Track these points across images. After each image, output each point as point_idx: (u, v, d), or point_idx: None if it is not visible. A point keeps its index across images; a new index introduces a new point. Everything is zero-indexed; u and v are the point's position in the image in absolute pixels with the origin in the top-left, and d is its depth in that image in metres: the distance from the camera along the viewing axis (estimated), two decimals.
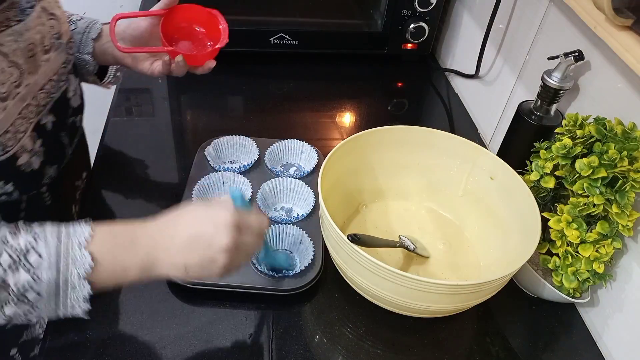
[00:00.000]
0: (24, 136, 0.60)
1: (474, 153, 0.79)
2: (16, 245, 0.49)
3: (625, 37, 0.58)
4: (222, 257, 0.53)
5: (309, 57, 1.21)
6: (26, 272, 0.48)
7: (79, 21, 0.79)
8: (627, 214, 0.63)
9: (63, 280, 0.50)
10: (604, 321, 0.72)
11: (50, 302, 0.50)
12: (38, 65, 0.62)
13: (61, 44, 0.68)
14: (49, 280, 0.49)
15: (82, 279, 0.50)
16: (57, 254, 0.50)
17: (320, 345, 0.68)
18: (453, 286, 0.60)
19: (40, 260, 0.49)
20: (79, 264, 0.50)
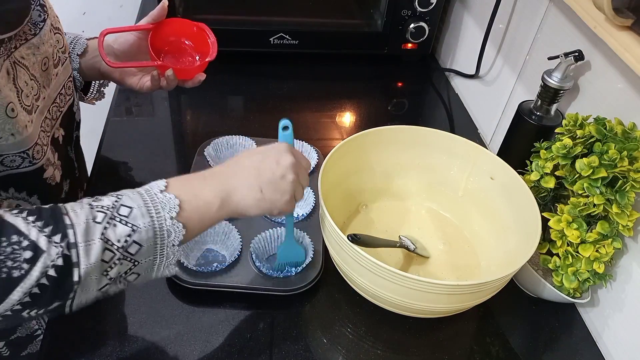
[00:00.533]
0: (47, 149, 0.62)
1: (474, 153, 0.79)
2: (104, 204, 0.49)
3: (625, 37, 0.58)
4: (290, 174, 0.58)
5: (309, 57, 1.21)
6: (123, 225, 0.48)
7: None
8: (627, 214, 0.63)
9: (158, 226, 0.50)
10: (604, 321, 0.72)
11: (149, 253, 0.50)
12: (50, 79, 0.63)
13: (66, 58, 0.69)
14: (146, 227, 0.49)
15: (175, 220, 0.51)
16: (145, 202, 0.50)
17: (320, 345, 0.68)
18: (453, 286, 0.60)
19: (132, 211, 0.49)
20: (167, 206, 0.51)
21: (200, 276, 0.70)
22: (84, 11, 1.44)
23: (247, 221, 0.78)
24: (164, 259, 0.52)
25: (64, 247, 0.45)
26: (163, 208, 0.51)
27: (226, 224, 0.75)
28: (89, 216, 0.48)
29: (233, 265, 0.72)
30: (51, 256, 0.44)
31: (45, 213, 0.47)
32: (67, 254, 0.45)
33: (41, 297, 0.45)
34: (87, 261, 0.46)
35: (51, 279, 0.45)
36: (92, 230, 0.47)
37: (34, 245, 0.44)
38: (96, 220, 0.47)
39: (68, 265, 0.45)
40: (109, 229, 0.48)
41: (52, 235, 0.45)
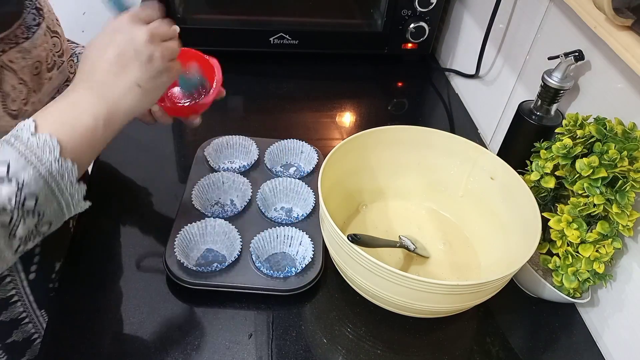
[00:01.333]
0: None
1: (474, 153, 0.79)
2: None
3: (625, 37, 0.58)
4: (154, 50, 0.53)
5: (309, 57, 1.21)
6: (6, 183, 0.45)
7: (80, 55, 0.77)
8: (627, 214, 0.63)
9: (46, 172, 0.46)
10: (604, 321, 0.72)
11: (50, 200, 0.48)
12: (42, 84, 0.62)
13: (63, 62, 0.67)
14: (35, 177, 0.46)
15: (61, 161, 0.47)
16: (20, 153, 0.46)
17: (320, 345, 0.68)
18: (453, 286, 0.60)
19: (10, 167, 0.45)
20: (46, 150, 0.47)
21: (200, 276, 0.70)
22: (84, 11, 1.44)
23: (247, 221, 0.78)
24: (69, 199, 0.49)
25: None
26: (43, 152, 0.46)
27: (226, 224, 0.75)
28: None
29: (233, 265, 0.72)
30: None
31: None
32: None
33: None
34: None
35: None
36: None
37: None
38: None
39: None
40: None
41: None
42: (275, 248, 0.76)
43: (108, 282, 0.72)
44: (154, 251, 0.74)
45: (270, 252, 0.76)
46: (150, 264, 0.74)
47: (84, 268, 0.73)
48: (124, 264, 0.74)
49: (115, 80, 0.51)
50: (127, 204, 0.84)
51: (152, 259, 0.74)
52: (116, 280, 0.72)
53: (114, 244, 0.77)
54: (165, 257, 0.71)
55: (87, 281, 0.72)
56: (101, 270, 0.73)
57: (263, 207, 0.80)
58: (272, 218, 0.79)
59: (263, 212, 0.80)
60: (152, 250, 0.75)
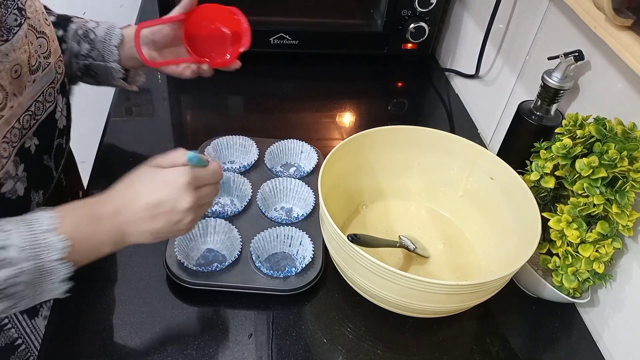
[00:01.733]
0: (7, 161, 0.57)
1: (474, 153, 0.79)
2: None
3: (625, 37, 0.58)
4: (187, 216, 0.57)
5: (309, 57, 1.21)
6: (4, 269, 0.48)
7: (96, 29, 0.78)
8: (627, 214, 0.63)
9: (40, 268, 0.49)
10: (604, 321, 0.72)
11: (32, 290, 0.50)
12: (23, 87, 0.59)
13: (49, 64, 0.65)
14: (32, 269, 0.49)
15: (60, 262, 0.50)
16: (29, 244, 0.49)
17: (320, 345, 0.68)
18: (453, 286, 0.60)
19: (15, 254, 0.48)
20: (53, 249, 0.50)
21: (200, 276, 0.70)
22: (84, 11, 1.44)
23: (247, 221, 0.78)
24: (46, 294, 0.52)
25: None
26: (50, 251, 0.50)
27: (226, 223, 0.75)
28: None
29: (233, 265, 0.72)
30: None
31: None
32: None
33: None
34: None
35: None
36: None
37: None
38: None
39: None
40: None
41: None
42: (275, 248, 0.76)
43: (108, 282, 0.72)
44: (154, 251, 0.74)
45: (270, 252, 0.76)
46: (150, 264, 0.74)
47: (84, 268, 0.73)
48: (124, 264, 0.74)
49: (141, 222, 0.55)
50: None
51: (152, 259, 0.74)
52: (116, 280, 0.72)
53: None
54: (165, 257, 0.71)
55: (86, 281, 0.72)
56: (101, 270, 0.73)
57: (263, 207, 0.80)
58: (272, 218, 0.79)
59: (263, 212, 0.80)
60: (152, 250, 0.75)
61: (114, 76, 0.80)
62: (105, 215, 0.55)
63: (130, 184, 0.57)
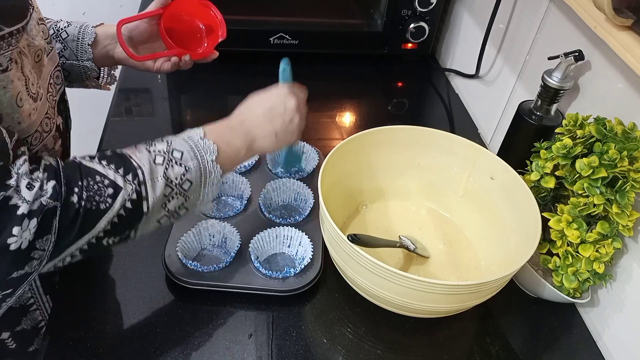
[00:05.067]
0: (48, 136, 0.63)
1: (474, 153, 0.79)
2: (159, 148, 0.58)
3: (625, 37, 0.58)
4: (296, 116, 0.68)
5: (309, 57, 1.21)
6: (178, 166, 0.58)
7: (67, 28, 0.78)
8: (627, 214, 0.63)
9: (203, 167, 0.59)
10: (604, 321, 0.72)
11: (197, 189, 0.59)
12: (42, 71, 0.63)
13: (52, 49, 0.68)
14: (196, 168, 0.59)
15: (215, 162, 0.60)
16: (191, 148, 0.59)
17: (320, 345, 0.68)
18: (453, 286, 0.60)
19: (182, 154, 0.58)
20: (209, 151, 0.60)
21: (200, 276, 0.70)
22: (84, 11, 1.44)
23: (247, 221, 0.78)
24: (205, 196, 0.61)
25: (136, 184, 0.54)
26: (206, 152, 0.60)
27: (226, 224, 0.75)
28: (150, 159, 0.57)
29: (232, 265, 0.72)
30: (127, 192, 0.54)
31: (116, 158, 0.55)
32: (138, 190, 0.55)
33: (118, 225, 0.54)
34: (154, 195, 0.56)
35: (127, 210, 0.54)
36: (155, 170, 0.56)
37: (114, 184, 0.53)
38: (156, 162, 0.57)
39: (139, 199, 0.55)
40: (169, 169, 0.57)
41: (126, 174, 0.54)
42: (275, 248, 0.76)
43: (108, 282, 0.72)
44: (154, 251, 0.74)
45: (269, 252, 0.76)
46: (150, 264, 0.74)
47: (84, 268, 0.73)
48: (123, 264, 0.74)
49: (263, 125, 0.66)
50: None
51: (152, 259, 0.74)
52: (116, 281, 0.72)
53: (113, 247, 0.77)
54: (165, 257, 0.71)
55: (86, 281, 0.72)
56: (101, 270, 0.73)
57: (264, 207, 0.80)
58: (272, 218, 0.79)
59: (263, 212, 0.80)
60: (152, 250, 0.75)
61: (88, 75, 0.80)
62: (234, 125, 0.65)
63: (245, 105, 0.68)
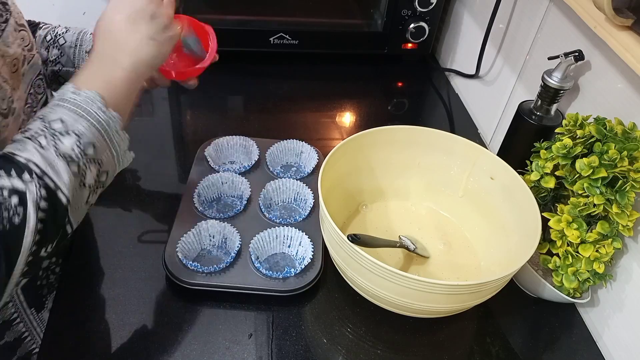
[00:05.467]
0: None
1: (474, 153, 0.79)
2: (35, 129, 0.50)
3: (625, 37, 0.58)
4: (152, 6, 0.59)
5: (309, 57, 1.21)
6: (66, 136, 0.50)
7: (65, 34, 0.77)
8: (627, 214, 0.63)
9: (96, 122, 0.52)
10: (604, 321, 0.72)
11: (104, 148, 0.53)
12: (20, 80, 0.60)
13: (33, 56, 0.65)
14: (88, 127, 0.51)
15: (106, 109, 0.53)
16: (69, 109, 0.52)
17: (320, 345, 0.68)
18: (453, 286, 0.60)
19: (64, 121, 0.51)
20: (91, 103, 0.52)
21: (200, 276, 0.70)
22: (84, 11, 1.44)
23: (247, 221, 0.78)
24: (118, 148, 0.55)
25: (36, 178, 0.47)
26: (89, 104, 0.52)
27: (226, 224, 0.75)
28: (34, 146, 0.49)
29: (232, 265, 0.72)
30: (32, 192, 0.46)
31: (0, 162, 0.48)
32: (44, 184, 0.47)
33: (46, 230, 0.48)
34: (61, 180, 0.49)
35: (46, 210, 0.47)
36: (47, 155, 0.49)
37: (13, 190, 0.46)
38: (42, 145, 0.49)
39: (50, 191, 0.48)
40: (59, 144, 0.49)
41: (20, 175, 0.47)
42: (275, 248, 0.76)
43: (108, 282, 0.72)
44: (154, 251, 0.74)
45: (269, 252, 0.76)
46: (150, 264, 0.74)
47: (84, 268, 0.73)
48: (123, 263, 0.74)
49: (130, 36, 0.57)
50: (127, 204, 0.84)
51: (152, 259, 0.74)
52: (116, 280, 0.72)
53: (114, 243, 0.77)
54: (165, 257, 0.71)
55: (86, 281, 0.72)
56: (101, 270, 0.73)
57: (264, 208, 0.80)
58: (272, 218, 0.79)
59: (263, 213, 0.80)
60: (152, 250, 0.75)
61: None
62: (100, 56, 0.57)
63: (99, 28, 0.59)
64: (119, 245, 0.76)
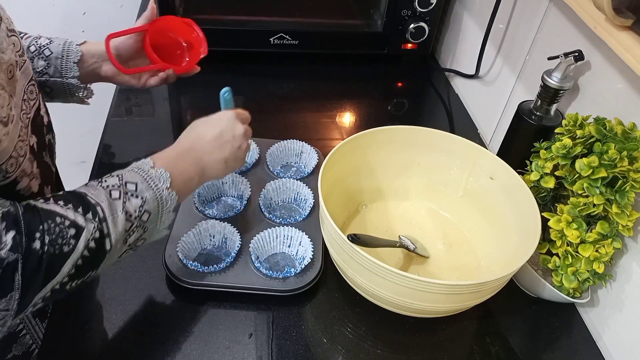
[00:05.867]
0: (24, 160, 0.60)
1: (474, 153, 0.79)
2: (112, 183, 0.57)
3: (625, 37, 0.58)
4: (244, 142, 0.71)
5: (309, 57, 1.21)
6: (135, 198, 0.56)
7: (50, 45, 0.78)
8: (627, 214, 0.63)
9: (159, 196, 0.59)
10: (604, 321, 0.72)
11: (155, 219, 0.59)
12: (15, 87, 0.60)
13: (25, 61, 0.65)
14: (152, 198, 0.58)
15: (170, 190, 0.60)
16: (144, 178, 0.58)
17: (320, 345, 0.68)
18: (453, 286, 0.60)
19: (137, 185, 0.57)
20: (162, 179, 0.60)
21: (200, 276, 0.70)
22: (84, 11, 1.44)
23: (247, 221, 0.78)
24: (162, 225, 0.61)
25: (97, 222, 0.53)
26: (159, 181, 0.59)
27: (226, 224, 0.75)
28: (107, 195, 0.55)
29: (232, 265, 0.72)
30: (90, 231, 0.52)
31: (72, 197, 0.54)
32: (100, 228, 0.53)
33: (82, 267, 0.52)
34: (115, 231, 0.54)
35: (91, 250, 0.52)
36: (114, 206, 0.55)
37: (75, 224, 0.51)
38: (113, 197, 0.55)
39: (102, 236, 0.53)
40: (127, 202, 0.56)
41: (85, 213, 0.52)
42: (275, 248, 0.76)
43: (107, 281, 0.72)
44: (154, 251, 0.74)
45: (269, 252, 0.76)
46: (150, 264, 0.74)
47: None
48: (124, 264, 0.74)
49: (213, 152, 0.67)
50: None
51: (152, 259, 0.74)
52: (116, 280, 0.72)
53: None
54: (165, 257, 0.71)
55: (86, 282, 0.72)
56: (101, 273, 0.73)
57: (264, 207, 0.80)
58: (272, 218, 0.79)
59: (263, 213, 0.80)
60: (152, 250, 0.75)
61: (72, 92, 0.80)
62: (183, 152, 0.66)
63: (192, 130, 0.69)
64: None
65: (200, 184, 0.67)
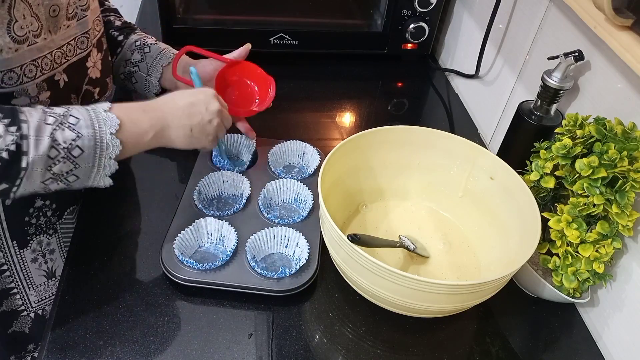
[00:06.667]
0: (30, 82, 0.64)
1: (474, 153, 0.79)
2: (55, 111, 0.58)
3: (625, 37, 0.58)
4: (216, 119, 0.70)
5: (309, 57, 1.21)
6: (70, 130, 0.57)
7: (153, 45, 0.86)
8: (627, 214, 0.63)
9: (99, 138, 0.59)
10: (604, 321, 0.72)
11: (89, 159, 0.59)
12: (58, 27, 0.65)
13: (85, 16, 0.70)
14: (89, 136, 0.58)
15: (114, 136, 0.60)
16: (90, 117, 0.59)
17: (320, 345, 0.68)
18: (453, 286, 0.60)
19: (78, 121, 0.58)
20: (109, 123, 0.60)
21: (196, 274, 0.70)
22: None
23: (245, 220, 0.78)
24: (101, 169, 0.61)
25: (18, 136, 0.54)
26: (105, 124, 0.60)
27: (225, 223, 0.75)
28: (41, 117, 0.56)
29: (228, 264, 0.72)
30: (6, 141, 0.53)
31: (7, 110, 0.55)
32: (19, 143, 0.54)
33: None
34: (35, 152, 0.55)
35: (3, 160, 0.53)
36: (43, 129, 0.55)
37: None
38: (47, 122, 0.56)
39: (19, 152, 0.54)
40: (58, 131, 0.56)
41: (9, 125, 0.54)
42: (272, 248, 0.76)
43: (107, 282, 0.72)
44: (154, 251, 0.74)
45: (267, 252, 0.76)
46: (150, 263, 0.74)
47: (83, 268, 0.73)
48: (124, 264, 0.74)
49: (180, 116, 0.67)
50: (127, 203, 0.84)
51: (152, 259, 0.74)
52: (115, 280, 0.72)
53: (113, 243, 0.77)
54: (162, 253, 0.71)
55: (86, 281, 0.72)
56: (100, 269, 0.73)
57: (263, 207, 0.80)
58: (270, 218, 0.79)
59: (262, 212, 0.80)
60: (151, 249, 0.75)
61: (150, 90, 0.87)
62: (148, 109, 0.65)
63: (168, 95, 0.69)
64: (118, 244, 0.76)
65: (157, 144, 0.66)
